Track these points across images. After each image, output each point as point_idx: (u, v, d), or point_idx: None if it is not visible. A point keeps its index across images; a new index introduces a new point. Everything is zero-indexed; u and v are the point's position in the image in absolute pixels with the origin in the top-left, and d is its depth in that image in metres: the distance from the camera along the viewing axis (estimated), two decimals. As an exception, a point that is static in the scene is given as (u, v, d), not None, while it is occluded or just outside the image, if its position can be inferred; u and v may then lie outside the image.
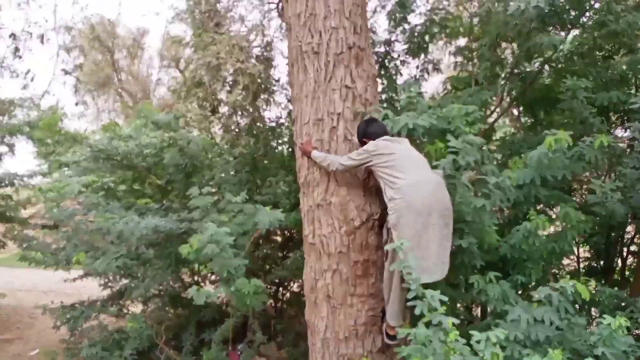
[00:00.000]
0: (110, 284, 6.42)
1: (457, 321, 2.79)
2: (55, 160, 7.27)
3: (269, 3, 5.59)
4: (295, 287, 7.26)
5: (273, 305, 7.22)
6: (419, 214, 3.33)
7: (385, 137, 3.72)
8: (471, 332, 2.77)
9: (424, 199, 3.36)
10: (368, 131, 3.81)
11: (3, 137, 8.46)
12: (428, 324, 2.82)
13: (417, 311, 2.85)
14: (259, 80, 5.47)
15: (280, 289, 7.30)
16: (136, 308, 6.95)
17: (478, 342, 2.74)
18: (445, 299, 2.87)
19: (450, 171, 3.74)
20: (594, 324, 4.17)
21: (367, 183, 3.99)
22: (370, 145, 3.66)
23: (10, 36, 7.61)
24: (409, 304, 2.96)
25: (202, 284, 7.13)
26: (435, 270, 3.35)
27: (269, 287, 6.81)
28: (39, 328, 8.69)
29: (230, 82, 5.74)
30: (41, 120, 7.79)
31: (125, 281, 6.30)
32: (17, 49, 7.67)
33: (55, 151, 7.61)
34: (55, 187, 6.31)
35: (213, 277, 6.86)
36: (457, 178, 3.75)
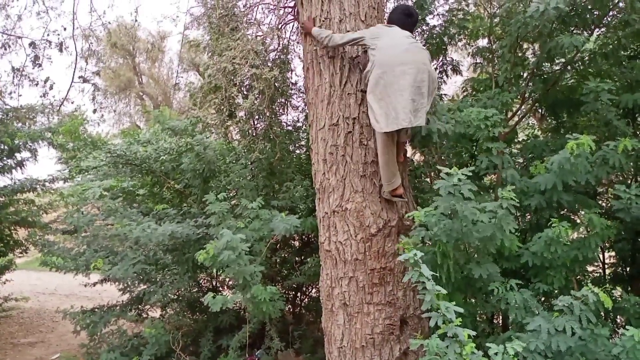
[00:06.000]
0: (129, 289, 6.45)
1: (473, 333, 2.71)
2: (76, 166, 7.35)
3: (285, 7, 5.55)
4: (313, 292, 7.21)
5: (291, 310, 7.18)
6: (389, 65, 3.57)
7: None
8: (488, 344, 2.69)
9: (395, 56, 3.60)
10: (390, 16, 4.05)
11: (25, 143, 8.57)
12: (443, 336, 2.75)
13: (431, 323, 2.77)
14: (275, 85, 5.42)
15: (299, 294, 7.27)
16: (155, 313, 6.98)
17: (495, 354, 2.66)
18: (461, 310, 2.79)
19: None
20: (620, 332, 4.05)
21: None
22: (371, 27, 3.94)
23: (29, 45, 7.72)
24: (423, 315, 2.88)
25: (219, 288, 7.13)
26: (404, 117, 3.51)
27: (286, 292, 6.78)
28: (61, 332, 8.81)
29: (246, 87, 5.71)
30: (62, 126, 7.88)
31: (143, 286, 6.32)
32: (36, 58, 7.77)
33: (76, 156, 7.70)
34: (76, 191, 6.37)
35: (231, 282, 6.85)
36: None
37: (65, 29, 8.13)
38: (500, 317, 4.95)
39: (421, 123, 3.62)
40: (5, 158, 8.85)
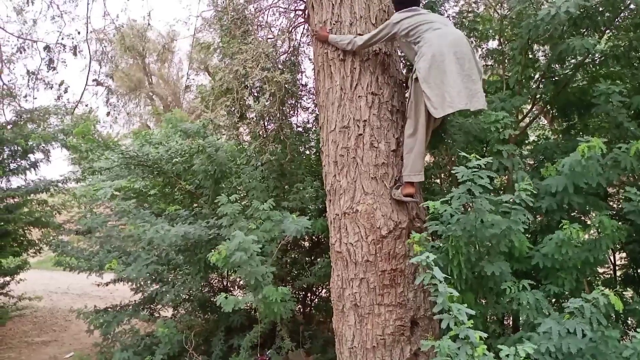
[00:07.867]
0: (141, 289, 6.51)
1: (485, 335, 2.73)
2: (88, 167, 7.43)
3: (295, 10, 5.59)
4: (323, 292, 7.24)
5: (301, 311, 7.22)
6: (441, 53, 3.60)
7: (410, 8, 3.94)
8: (499, 346, 2.71)
9: (446, 45, 3.62)
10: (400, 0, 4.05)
11: (38, 144, 8.68)
12: (454, 338, 2.77)
13: (443, 325, 2.79)
14: (285, 87, 5.46)
15: (309, 294, 7.30)
16: (167, 312, 7.04)
17: (507, 356, 2.68)
18: (472, 312, 2.81)
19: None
20: (631, 335, 4.04)
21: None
22: (393, 17, 3.90)
23: (44, 49, 7.83)
24: (435, 317, 2.91)
25: (230, 288, 7.19)
26: (460, 101, 3.57)
27: (297, 292, 6.82)
28: (74, 331, 8.91)
29: (257, 89, 5.76)
30: (75, 128, 7.98)
31: (156, 286, 6.38)
32: (51, 61, 7.88)
33: (88, 157, 7.79)
34: (88, 191, 6.45)
35: (242, 282, 6.90)
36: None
37: (79, 32, 8.28)
38: (511, 318, 4.95)
39: (482, 106, 3.70)
40: (19, 159, 8.96)
